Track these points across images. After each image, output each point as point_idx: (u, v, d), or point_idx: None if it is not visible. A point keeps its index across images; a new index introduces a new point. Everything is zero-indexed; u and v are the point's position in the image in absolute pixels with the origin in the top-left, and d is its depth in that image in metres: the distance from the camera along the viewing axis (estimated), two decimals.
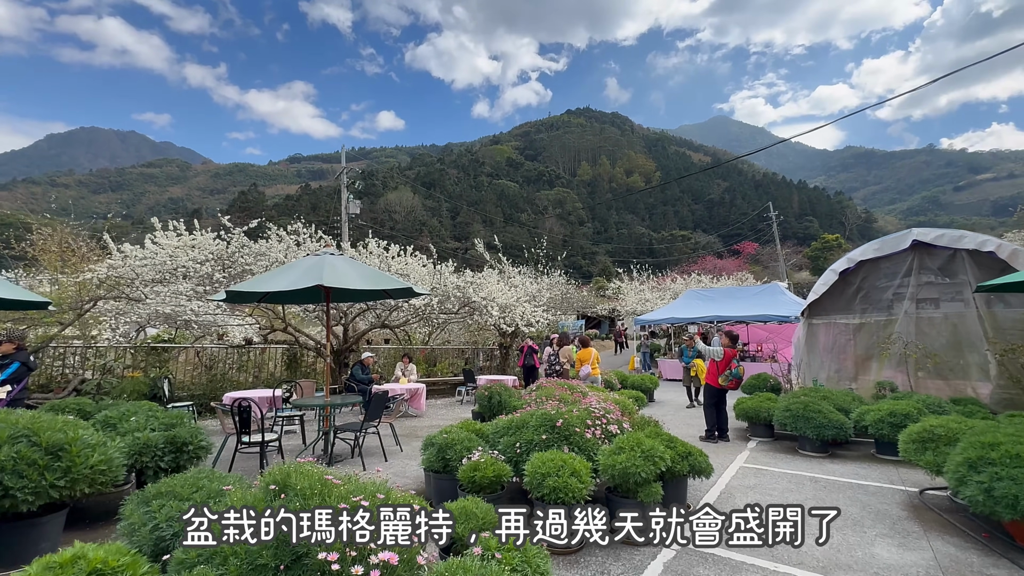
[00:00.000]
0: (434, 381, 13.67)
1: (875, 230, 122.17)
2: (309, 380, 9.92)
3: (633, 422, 5.20)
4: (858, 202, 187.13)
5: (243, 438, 5.21)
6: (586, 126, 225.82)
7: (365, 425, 6.03)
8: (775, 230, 48.86)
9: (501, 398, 7.86)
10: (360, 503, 2.15)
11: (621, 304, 23.24)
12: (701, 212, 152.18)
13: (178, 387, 9.98)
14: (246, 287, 5.33)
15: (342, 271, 5.79)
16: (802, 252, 62.24)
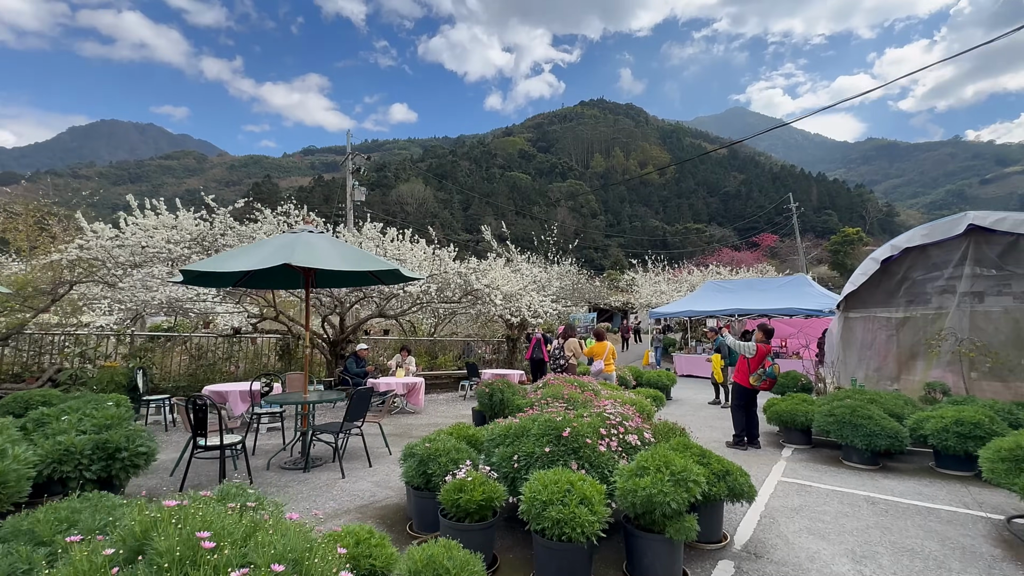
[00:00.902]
0: (436, 375, 12.95)
1: (897, 224, 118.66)
2: (299, 373, 9.23)
3: (655, 429, 4.37)
4: (879, 195, 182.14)
5: (199, 440, 4.49)
6: (600, 117, 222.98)
7: (346, 426, 5.28)
8: (795, 222, 47.22)
9: (503, 396, 7.07)
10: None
11: (635, 296, 22.27)
12: (716, 205, 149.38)
13: (162, 378, 9.39)
14: (204, 266, 4.60)
15: (320, 250, 5.02)
16: (822, 246, 60.33)
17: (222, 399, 7.55)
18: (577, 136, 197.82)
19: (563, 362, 8.95)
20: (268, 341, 11.57)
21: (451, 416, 9.12)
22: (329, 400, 5.57)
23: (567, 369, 8.94)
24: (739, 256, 33.35)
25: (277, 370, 10.89)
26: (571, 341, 9.12)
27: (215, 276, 5.73)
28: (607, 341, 9.16)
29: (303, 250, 4.90)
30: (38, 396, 6.74)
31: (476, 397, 7.42)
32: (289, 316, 11.16)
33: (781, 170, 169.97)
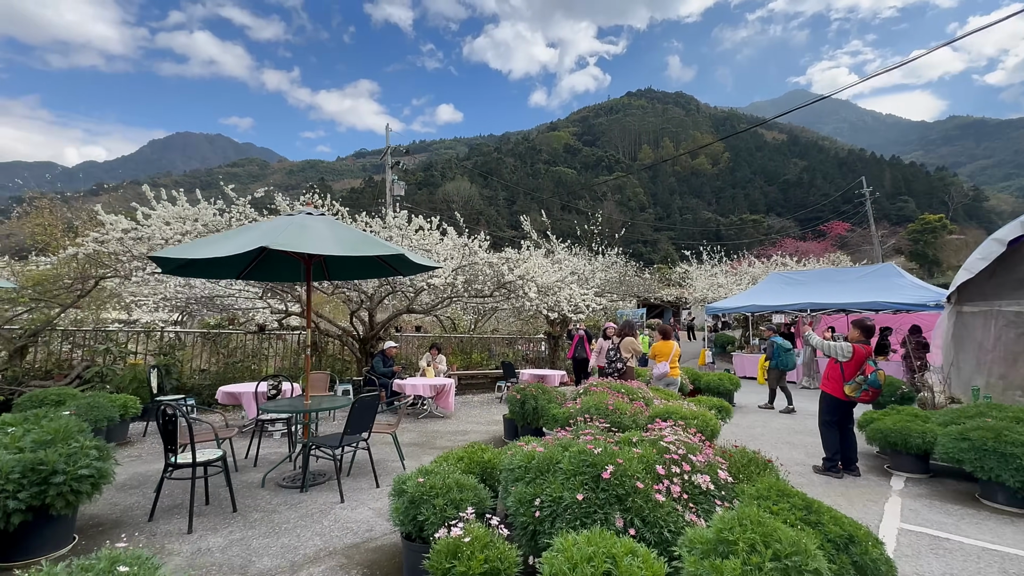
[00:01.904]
0: (472, 374, 12.14)
1: (986, 210, 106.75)
2: (321, 372, 8.64)
3: (731, 461, 3.23)
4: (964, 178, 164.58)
5: (171, 457, 3.80)
6: (648, 107, 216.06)
7: (346, 440, 4.48)
8: (868, 209, 43.08)
9: (537, 404, 6.08)
10: None
11: (689, 291, 20.53)
12: (775, 195, 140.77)
13: (187, 376, 9.10)
14: (176, 252, 3.93)
15: (312, 233, 4.24)
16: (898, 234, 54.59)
17: (235, 400, 7.04)
18: (624, 128, 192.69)
19: (620, 365, 7.82)
20: (296, 338, 11.16)
21: (482, 422, 8.24)
22: (329, 408, 4.80)
23: (624, 374, 7.82)
24: (804, 246, 30.40)
25: (292, 370, 10.44)
26: (628, 340, 7.97)
27: (203, 266, 5.10)
28: (673, 340, 7.93)
29: (292, 233, 4.13)
30: (53, 395, 6.44)
31: (507, 402, 6.48)
32: (317, 312, 10.68)
33: (848, 155, 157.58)
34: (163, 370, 8.43)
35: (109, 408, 5.79)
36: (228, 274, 5.64)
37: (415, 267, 5.60)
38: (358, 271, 6.22)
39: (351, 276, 6.46)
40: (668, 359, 7.75)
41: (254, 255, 5.55)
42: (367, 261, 5.92)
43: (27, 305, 7.83)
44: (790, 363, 10.26)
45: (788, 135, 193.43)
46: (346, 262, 6.05)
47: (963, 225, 73.31)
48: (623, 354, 7.90)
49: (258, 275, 5.89)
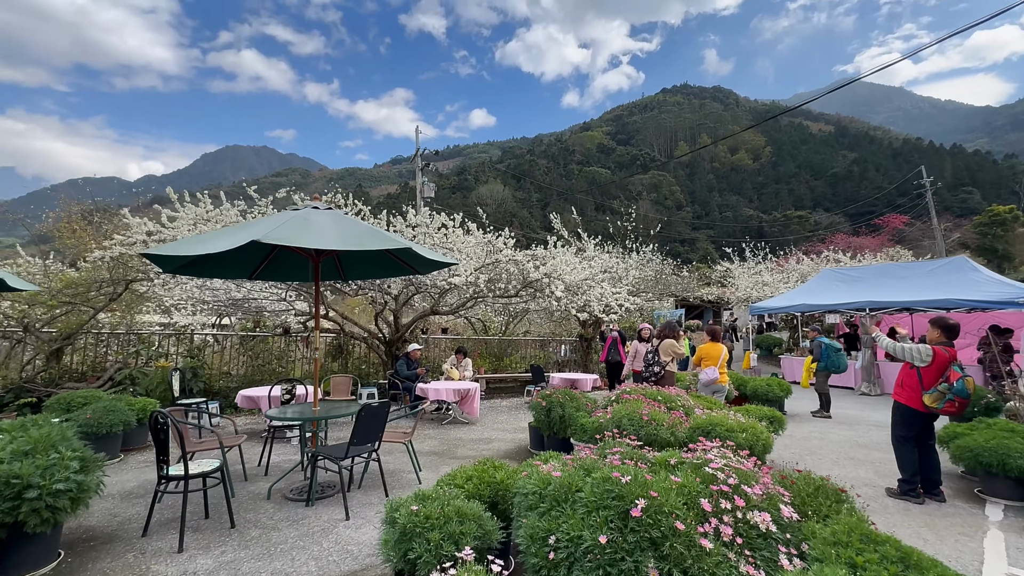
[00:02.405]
0: (501, 378, 11.71)
1: None
2: (344, 376, 8.42)
3: (796, 494, 2.63)
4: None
5: (163, 469, 3.54)
6: (684, 104, 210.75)
7: (352, 451, 4.12)
8: (929, 200, 39.99)
9: (564, 412, 5.57)
10: None
11: (731, 290, 19.39)
12: (822, 189, 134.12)
13: (213, 379, 9.09)
14: (168, 249, 3.69)
15: (314, 228, 3.92)
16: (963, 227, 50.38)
17: (255, 404, 6.88)
18: (659, 125, 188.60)
19: (658, 369, 7.22)
20: (321, 341, 11.05)
21: (508, 429, 7.78)
22: (337, 416, 4.46)
23: (663, 379, 7.22)
24: (858, 242, 28.33)
25: (332, 371, 10.32)
26: (668, 343, 7.35)
27: (212, 266, 4.90)
28: (721, 344, 7.25)
29: (291, 228, 3.82)
30: (80, 397, 6.43)
31: (532, 409, 6.00)
32: (342, 314, 10.54)
33: (903, 144, 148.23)
34: (189, 372, 8.45)
35: (126, 412, 5.69)
36: (239, 274, 5.43)
37: (429, 263, 5.23)
38: (372, 269, 5.91)
39: (366, 275, 6.16)
40: (717, 364, 7.06)
41: (265, 254, 5.33)
42: (381, 259, 5.61)
43: (61, 308, 7.98)
44: (841, 364, 9.36)
45: (836, 126, 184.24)
46: (359, 260, 5.76)
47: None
48: (662, 357, 7.28)
49: (270, 275, 5.67)
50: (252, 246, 5.05)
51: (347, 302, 18.42)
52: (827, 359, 9.16)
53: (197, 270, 4.99)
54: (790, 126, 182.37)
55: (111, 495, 4.50)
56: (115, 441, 5.62)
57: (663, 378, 7.27)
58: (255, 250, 5.16)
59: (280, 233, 3.61)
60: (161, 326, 11.90)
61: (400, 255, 5.32)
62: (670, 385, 7.12)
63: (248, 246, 4.99)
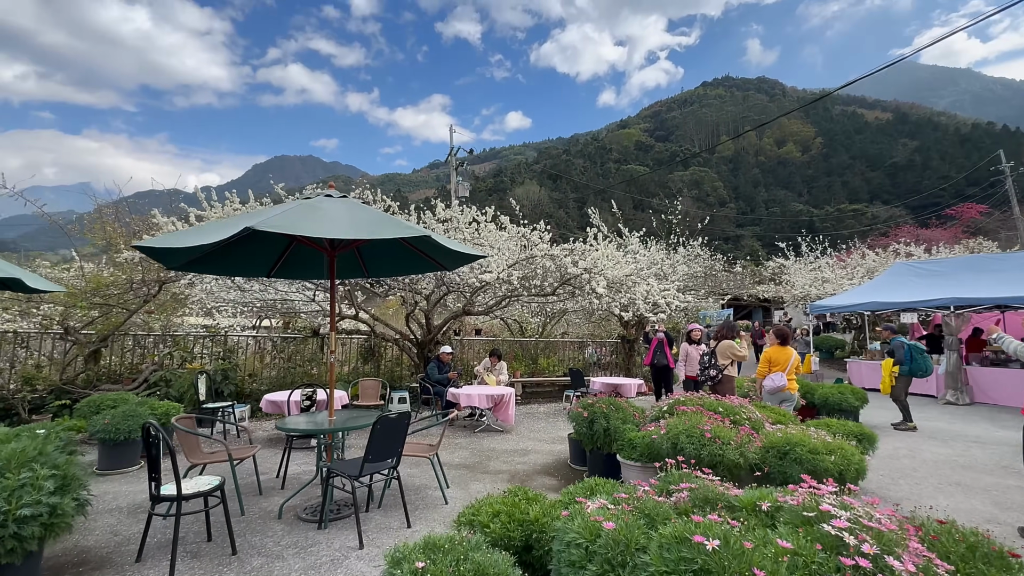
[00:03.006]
0: (539, 382, 11.09)
1: None
2: (373, 380, 8.07)
3: (942, 552, 1.88)
4: None
5: (152, 488, 3.15)
6: (726, 96, 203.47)
7: (367, 469, 3.63)
8: (1010, 187, 36.36)
9: (608, 425, 4.89)
10: None
11: (785, 288, 17.94)
12: (879, 181, 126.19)
13: (244, 382, 8.94)
14: (159, 242, 3.33)
15: (322, 216, 3.47)
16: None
17: (278, 408, 6.56)
18: (700, 120, 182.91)
19: (715, 373, 6.45)
20: (353, 342, 10.80)
21: (545, 439, 7.15)
22: (353, 428, 3.98)
23: (721, 385, 6.46)
24: (927, 234, 25.77)
25: (364, 374, 10.02)
26: (727, 344, 6.57)
27: (228, 263, 4.57)
28: (790, 347, 6.38)
29: (295, 215, 3.38)
30: (110, 399, 6.32)
31: (571, 420, 5.36)
32: (373, 315, 10.23)
33: (972, 130, 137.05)
34: (220, 375, 8.31)
35: (146, 417, 5.46)
36: (256, 271, 5.09)
37: (453, 256, 4.69)
38: (396, 265, 5.45)
39: (390, 271, 5.72)
40: (785, 369, 6.18)
41: (280, 249, 4.96)
42: (404, 254, 5.14)
43: (98, 310, 8.00)
44: (927, 368, 8.18)
45: (894, 113, 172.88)
46: (381, 255, 5.31)
47: None
48: (720, 360, 6.48)
49: (289, 272, 5.30)
50: (267, 241, 4.71)
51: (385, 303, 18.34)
52: (911, 362, 8.04)
53: (210, 267, 4.66)
54: (843, 115, 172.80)
55: (119, 508, 4.21)
56: (134, 448, 5.40)
57: (721, 384, 6.48)
58: (270, 245, 4.81)
59: (282, 221, 3.15)
60: (205, 328, 12.04)
61: (423, 248, 4.83)
62: (729, 392, 6.31)
63: (262, 241, 4.66)
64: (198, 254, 4.15)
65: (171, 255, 3.88)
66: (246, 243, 4.51)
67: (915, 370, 8.07)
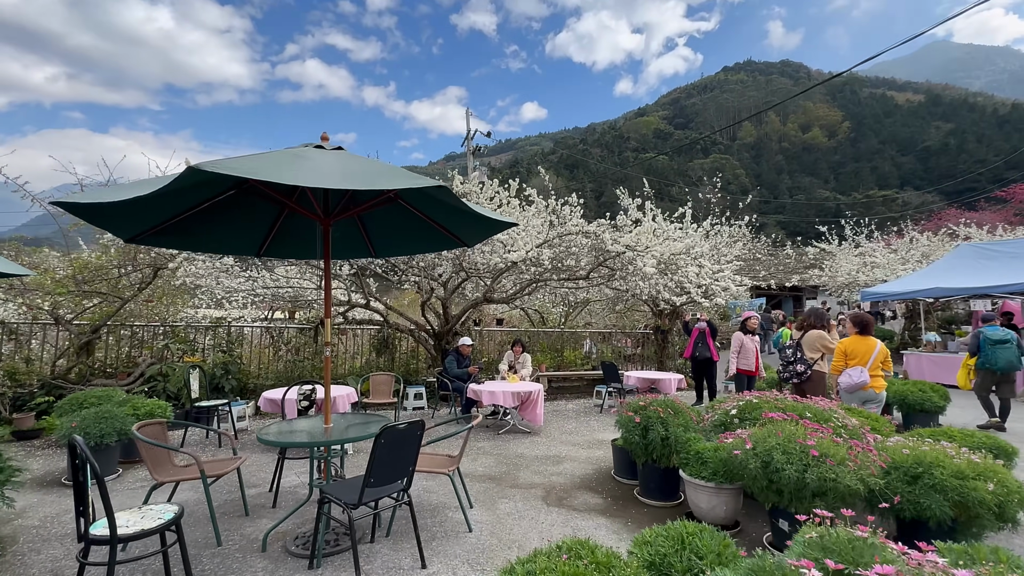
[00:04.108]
0: (564, 376, 10.20)
1: None
2: (386, 374, 7.27)
3: None
4: None
5: (80, 525, 2.36)
6: (748, 81, 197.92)
7: (368, 495, 2.79)
8: None
9: (667, 434, 3.98)
10: None
11: (829, 274, 16.60)
12: (911, 166, 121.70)
13: (247, 376, 8.26)
14: (89, 197, 2.53)
15: (305, 164, 2.61)
16: None
17: (276, 408, 5.79)
18: (720, 106, 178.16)
19: (802, 369, 5.53)
20: (365, 333, 10.04)
21: (580, 443, 6.26)
22: (350, 440, 3.15)
23: (808, 382, 5.54)
24: (977, 217, 23.97)
25: (378, 367, 9.27)
26: (815, 335, 5.62)
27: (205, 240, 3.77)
28: (874, 338, 5.37)
29: (268, 162, 2.52)
30: (94, 397, 5.66)
31: (619, 425, 4.45)
32: (387, 304, 9.45)
33: (1012, 110, 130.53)
34: (220, 369, 7.62)
35: (123, 419, 4.73)
36: (242, 248, 4.28)
37: (477, 225, 3.82)
38: (408, 242, 4.59)
39: (400, 249, 4.85)
40: (867, 363, 5.17)
41: (271, 221, 4.14)
42: (418, 228, 4.27)
43: (80, 296, 7.36)
44: (995, 361, 7.14)
45: (927, 95, 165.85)
46: (391, 230, 4.45)
47: None
48: (807, 354, 5.52)
49: (281, 249, 4.48)
50: (252, 211, 3.89)
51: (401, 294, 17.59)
52: (983, 355, 7.09)
53: (183, 241, 3.85)
54: (871, 98, 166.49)
55: (72, 535, 3.46)
56: (110, 454, 4.68)
57: (809, 381, 5.53)
58: (257, 216, 3.99)
59: (243, 164, 2.29)
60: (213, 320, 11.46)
61: (440, 218, 3.96)
62: (821, 393, 5.34)
63: (246, 211, 3.84)
64: (153, 223, 3.34)
65: (107, 215, 3.07)
66: (226, 212, 3.70)
67: (985, 362, 7.10)
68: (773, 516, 3.23)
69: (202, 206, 3.46)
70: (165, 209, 3.27)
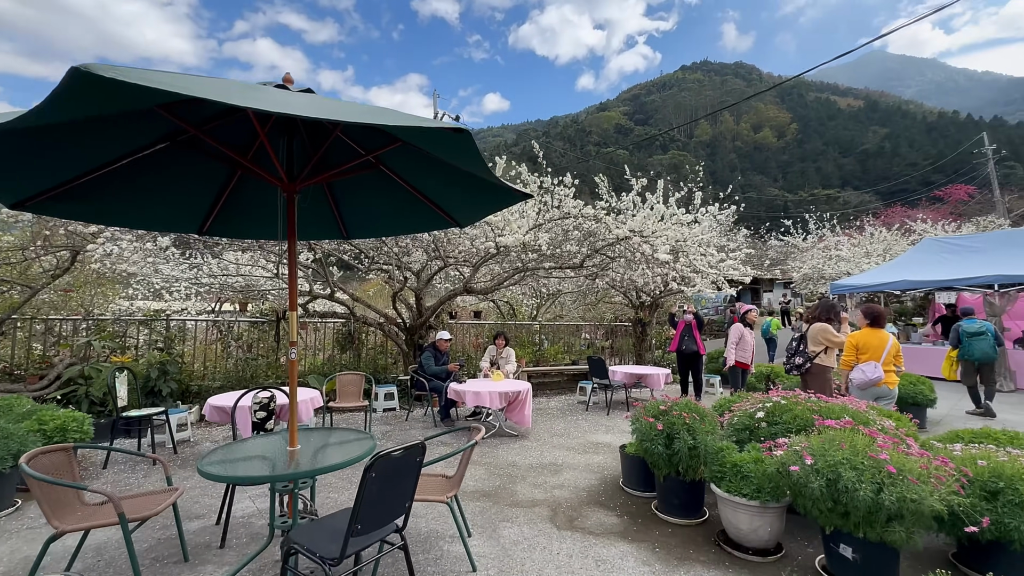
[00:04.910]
0: (544, 371, 9.67)
1: None
2: (354, 373, 6.47)
3: None
4: None
5: None
6: (704, 81, 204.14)
7: (353, 545, 2.11)
8: (992, 171, 36.65)
9: (696, 442, 3.47)
10: None
11: (795, 267, 16.92)
12: (851, 167, 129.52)
13: (189, 377, 7.22)
14: None
15: (263, 93, 1.85)
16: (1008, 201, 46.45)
17: (225, 417, 4.90)
18: (679, 104, 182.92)
19: (801, 360, 5.24)
20: (328, 327, 9.13)
21: (575, 447, 5.73)
22: (324, 471, 2.44)
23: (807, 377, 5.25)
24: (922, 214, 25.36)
25: (342, 364, 8.40)
26: (819, 328, 5.30)
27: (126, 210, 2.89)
28: (886, 331, 5.09)
29: (211, 84, 1.75)
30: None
31: (635, 432, 3.92)
32: (353, 295, 8.57)
33: (939, 118, 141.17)
34: (156, 370, 6.56)
35: (22, 438, 3.76)
36: (181, 223, 3.42)
37: (479, 198, 3.15)
38: (387, 219, 3.85)
39: (378, 229, 4.10)
40: (880, 358, 4.89)
41: (218, 188, 3.30)
42: (404, 205, 3.55)
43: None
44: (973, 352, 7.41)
45: (865, 101, 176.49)
46: (368, 204, 3.70)
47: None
48: (811, 348, 5.21)
49: (229, 227, 3.63)
50: (192, 171, 3.05)
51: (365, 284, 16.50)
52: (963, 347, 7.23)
53: (98, 211, 2.95)
54: (817, 101, 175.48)
55: None
56: (4, 483, 3.70)
57: (808, 374, 5.23)
58: (199, 179, 3.14)
59: (172, 81, 1.53)
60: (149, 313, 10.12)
61: (431, 191, 3.27)
62: (824, 388, 5.03)
63: (185, 170, 3.00)
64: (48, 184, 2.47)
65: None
66: (156, 174, 2.86)
67: (963, 354, 7.24)
68: (833, 540, 2.78)
69: (122, 162, 2.61)
70: (62, 162, 2.41)
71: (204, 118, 2.67)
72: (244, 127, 2.82)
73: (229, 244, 8.74)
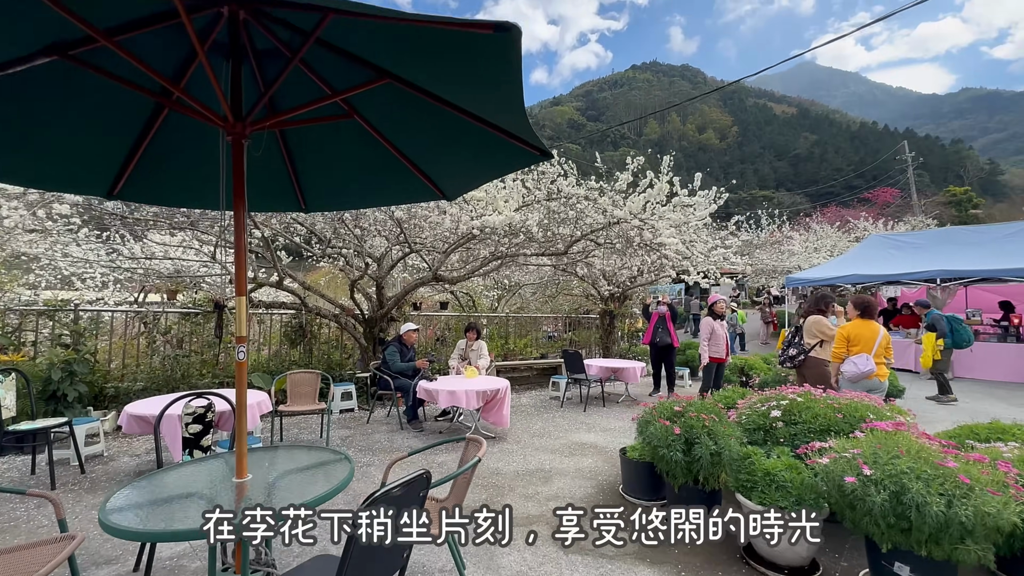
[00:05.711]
0: (514, 366, 9.18)
1: (1001, 184, 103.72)
2: (309, 372, 5.67)
3: None
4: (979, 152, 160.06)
5: None
6: (653, 81, 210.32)
7: None
8: (911, 177, 39.97)
9: (719, 448, 3.09)
10: None
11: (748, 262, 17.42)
12: (785, 169, 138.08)
13: (104, 378, 6.13)
14: None
15: None
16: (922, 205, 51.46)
17: (148, 428, 4.01)
18: (629, 102, 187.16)
19: (794, 352, 5.09)
20: (274, 319, 8.18)
21: (561, 449, 5.27)
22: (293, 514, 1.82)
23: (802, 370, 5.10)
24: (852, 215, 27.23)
25: (291, 361, 7.51)
26: (814, 320, 5.12)
27: None
28: (877, 322, 4.95)
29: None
30: None
31: (644, 436, 3.50)
32: (304, 283, 7.67)
33: (860, 128, 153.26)
34: (60, 371, 5.46)
35: None
36: (80, 184, 2.61)
37: (480, 159, 2.57)
38: (359, 190, 3.19)
39: (346, 201, 3.42)
40: (871, 350, 4.76)
41: (136, 137, 2.49)
42: (381, 172, 2.89)
43: None
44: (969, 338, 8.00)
45: (798, 108, 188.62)
46: (333, 166, 3.00)
47: (981, 198, 70.29)
48: (807, 340, 5.03)
49: (150, 190, 2.83)
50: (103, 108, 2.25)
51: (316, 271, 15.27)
52: (953, 334, 7.47)
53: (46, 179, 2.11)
54: (755, 107, 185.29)
55: None
56: None
57: (803, 366, 5.07)
58: (107, 121, 2.34)
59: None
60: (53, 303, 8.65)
61: (417, 153, 2.65)
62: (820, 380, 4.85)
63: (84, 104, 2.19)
64: None
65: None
66: (42, 105, 2.06)
67: (959, 341, 7.51)
68: (886, 559, 2.47)
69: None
70: None
71: (115, 24, 1.90)
72: (173, 41, 2.07)
73: (155, 223, 7.55)
